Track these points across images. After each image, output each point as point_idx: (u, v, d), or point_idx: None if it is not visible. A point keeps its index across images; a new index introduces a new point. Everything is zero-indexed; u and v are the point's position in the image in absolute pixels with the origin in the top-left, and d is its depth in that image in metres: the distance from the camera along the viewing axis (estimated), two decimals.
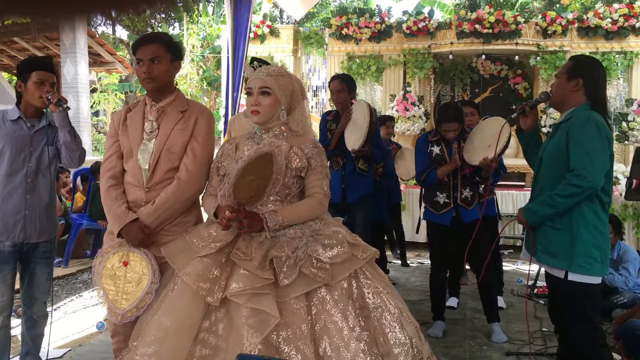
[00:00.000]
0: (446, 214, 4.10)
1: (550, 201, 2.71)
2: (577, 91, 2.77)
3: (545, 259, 2.79)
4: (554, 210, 2.71)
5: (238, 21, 7.05)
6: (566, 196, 2.65)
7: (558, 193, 2.67)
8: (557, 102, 2.89)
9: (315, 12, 13.69)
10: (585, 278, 2.68)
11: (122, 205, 2.59)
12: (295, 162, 2.36)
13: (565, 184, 2.65)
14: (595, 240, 2.68)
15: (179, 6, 14.90)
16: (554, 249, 2.74)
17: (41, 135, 3.11)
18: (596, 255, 2.67)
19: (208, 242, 2.28)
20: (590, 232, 2.67)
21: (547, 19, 8.33)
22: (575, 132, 2.67)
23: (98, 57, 10.11)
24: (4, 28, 9.05)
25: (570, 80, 2.78)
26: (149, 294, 2.41)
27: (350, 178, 4.46)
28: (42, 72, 3.06)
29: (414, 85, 8.88)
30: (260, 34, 9.49)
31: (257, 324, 2.03)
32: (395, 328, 2.17)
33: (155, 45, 2.60)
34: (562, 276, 2.72)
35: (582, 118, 2.69)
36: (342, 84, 4.45)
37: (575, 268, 2.67)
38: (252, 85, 2.40)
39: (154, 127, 2.65)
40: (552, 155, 2.79)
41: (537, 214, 2.79)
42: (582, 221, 2.68)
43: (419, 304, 5.08)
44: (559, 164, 2.73)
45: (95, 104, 14.28)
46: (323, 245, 2.22)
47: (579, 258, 2.66)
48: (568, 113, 2.80)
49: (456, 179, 4.07)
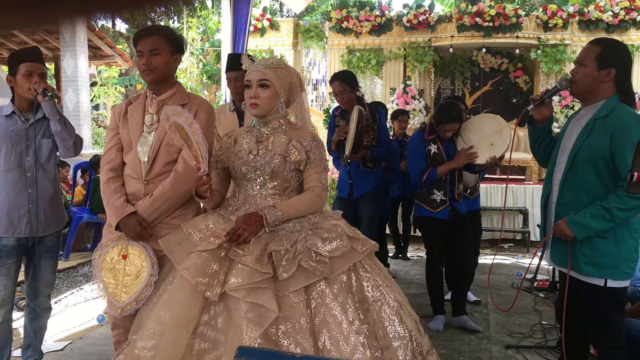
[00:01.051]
0: (443, 210, 4.12)
1: (608, 215, 2.44)
2: (607, 82, 2.52)
3: (589, 270, 2.53)
4: (611, 225, 2.47)
5: (238, 14, 7.05)
6: (628, 209, 2.43)
7: (619, 207, 2.42)
8: (583, 92, 2.61)
9: (315, 6, 13.64)
10: (624, 283, 2.54)
11: (120, 198, 2.59)
12: (294, 155, 2.36)
13: (626, 197, 2.39)
14: (636, 243, 2.53)
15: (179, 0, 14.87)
16: (600, 259, 2.51)
17: (37, 128, 3.09)
18: (635, 258, 2.53)
19: (206, 234, 2.28)
20: (632, 237, 2.53)
21: (548, 12, 8.29)
22: (626, 137, 2.39)
23: (98, 50, 10.09)
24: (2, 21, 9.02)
25: (602, 70, 2.50)
26: (148, 286, 2.42)
27: (356, 173, 4.54)
28: (30, 63, 3.03)
29: (414, 78, 8.85)
30: (260, 28, 9.46)
31: (256, 318, 2.03)
32: (395, 321, 2.17)
33: (156, 37, 2.60)
34: (602, 284, 2.52)
35: (631, 120, 2.43)
36: (343, 85, 4.39)
37: (620, 275, 2.50)
38: (251, 77, 2.39)
39: (154, 120, 2.65)
40: (591, 157, 2.51)
41: (590, 230, 2.50)
42: (626, 227, 2.50)
43: (419, 297, 5.08)
44: (600, 167, 2.49)
45: (95, 98, 14.27)
46: (322, 238, 2.22)
47: (624, 265, 2.50)
48: (603, 107, 2.53)
49: (453, 176, 4.08)
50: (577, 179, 2.58)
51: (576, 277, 2.60)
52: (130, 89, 17.36)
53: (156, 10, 21.55)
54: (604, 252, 2.51)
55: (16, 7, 0.70)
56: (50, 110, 3.02)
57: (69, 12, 0.75)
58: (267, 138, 2.41)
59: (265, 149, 2.37)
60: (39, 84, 2.97)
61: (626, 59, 2.58)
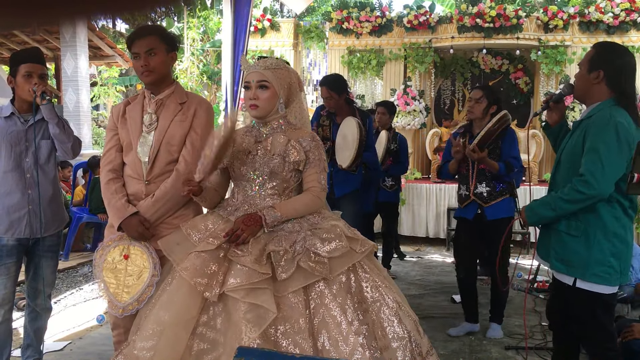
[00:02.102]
0: (469, 208, 4.01)
1: (552, 203, 2.56)
2: (598, 84, 2.54)
3: (558, 267, 2.61)
4: (554, 214, 2.56)
5: (238, 15, 7.04)
6: (569, 201, 2.49)
7: (561, 197, 2.52)
8: (580, 96, 2.68)
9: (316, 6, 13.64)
10: (597, 287, 2.52)
11: (122, 199, 2.59)
12: (293, 155, 2.36)
13: (570, 188, 2.49)
14: (615, 249, 2.50)
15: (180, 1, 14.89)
16: (568, 257, 2.56)
17: (36, 129, 3.09)
18: (614, 265, 2.50)
19: (205, 234, 2.28)
20: (609, 240, 2.50)
21: (548, 13, 8.30)
22: (592, 134, 2.47)
23: (98, 50, 10.08)
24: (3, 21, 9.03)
25: (591, 72, 2.55)
26: (150, 286, 2.42)
27: (337, 175, 4.41)
28: (30, 64, 3.02)
29: (414, 79, 8.86)
30: (260, 28, 9.47)
31: (255, 318, 2.03)
32: (394, 322, 2.17)
33: (150, 37, 2.60)
34: (571, 283, 2.56)
35: (603, 119, 2.47)
36: (329, 92, 4.35)
37: (590, 277, 2.50)
38: (250, 79, 2.39)
39: (153, 120, 2.65)
40: (570, 156, 2.60)
41: (538, 215, 2.65)
42: (600, 228, 2.50)
43: (418, 298, 5.09)
44: (576, 165, 2.54)
45: (96, 98, 14.27)
46: (321, 239, 2.22)
47: (596, 267, 2.49)
48: (591, 110, 2.58)
49: (473, 171, 3.97)
50: (560, 177, 2.66)
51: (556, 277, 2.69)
52: (130, 89, 17.37)
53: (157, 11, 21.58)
54: (573, 251, 2.55)
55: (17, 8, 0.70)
56: (48, 114, 3.01)
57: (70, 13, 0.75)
58: (266, 138, 2.41)
59: (264, 149, 2.37)
60: (38, 85, 2.96)
61: (620, 61, 2.56)
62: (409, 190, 7.84)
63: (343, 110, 4.45)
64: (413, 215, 7.90)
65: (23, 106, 3.10)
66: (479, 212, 3.97)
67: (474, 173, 3.97)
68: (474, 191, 3.96)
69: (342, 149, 4.32)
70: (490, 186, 3.94)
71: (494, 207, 3.94)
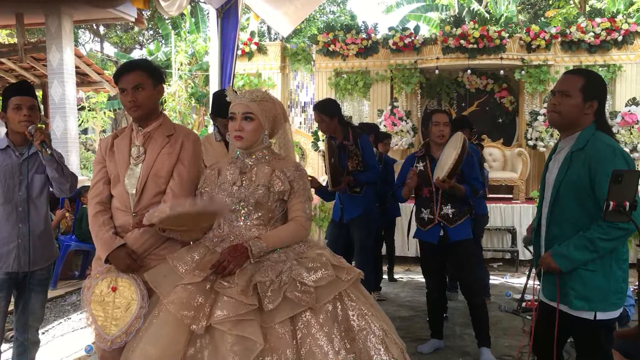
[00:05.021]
0: (432, 231, 4.09)
1: (591, 246, 2.44)
2: (589, 114, 2.55)
3: (581, 305, 2.51)
4: (595, 256, 2.46)
5: (225, 38, 7.10)
6: (611, 239, 2.42)
7: (601, 237, 2.42)
8: (566, 124, 2.61)
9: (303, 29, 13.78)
10: (613, 314, 2.52)
11: (109, 231, 2.60)
12: (277, 185, 2.39)
13: (608, 227, 2.40)
14: (625, 274, 2.53)
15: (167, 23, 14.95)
16: (589, 293, 2.49)
17: (30, 163, 3.11)
18: (624, 289, 2.52)
19: (191, 266, 2.28)
20: (621, 268, 2.52)
21: (530, 33, 8.45)
22: (603, 168, 2.41)
23: (85, 77, 10.11)
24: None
25: (587, 102, 2.53)
26: (138, 318, 2.41)
27: (344, 198, 4.67)
28: (18, 97, 3.06)
29: (401, 100, 8.95)
30: (248, 51, 9.55)
31: (242, 351, 2.03)
32: (380, 350, 2.18)
33: (137, 72, 2.62)
34: (592, 317, 2.49)
35: (607, 150, 2.45)
36: (320, 115, 4.54)
37: (609, 307, 2.49)
38: (235, 110, 2.42)
39: (141, 152, 2.66)
40: (574, 192, 2.53)
41: (575, 261, 2.50)
42: (614, 258, 2.50)
43: (408, 320, 5.09)
44: (584, 200, 2.50)
45: (84, 122, 14.25)
46: (307, 268, 2.24)
47: (613, 296, 2.49)
48: (578, 139, 2.55)
49: (437, 194, 4.04)
50: (562, 213, 2.59)
51: (566, 312, 2.57)
52: (119, 112, 17.35)
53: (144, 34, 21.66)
54: (594, 286, 2.49)
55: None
56: (48, 162, 3.05)
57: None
58: (250, 169, 2.43)
59: (249, 180, 2.40)
60: (36, 131, 2.98)
61: (606, 92, 2.65)
62: None
63: (339, 133, 4.57)
64: (403, 235, 7.90)
65: (17, 139, 3.12)
66: (441, 235, 4.06)
67: (438, 196, 4.06)
68: (439, 213, 4.05)
69: None
70: (456, 207, 4.06)
71: (457, 229, 4.05)
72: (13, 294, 3.18)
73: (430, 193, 4.08)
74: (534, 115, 8.36)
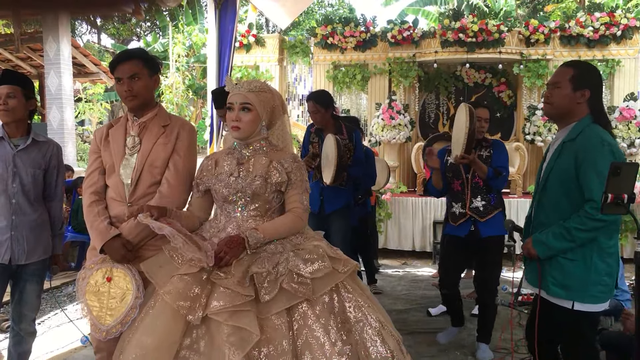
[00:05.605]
0: (463, 226, 3.97)
1: (568, 235, 2.51)
2: (582, 103, 2.58)
3: (557, 292, 2.58)
4: (572, 245, 2.53)
5: (223, 30, 7.08)
6: (587, 230, 2.48)
7: (578, 227, 2.48)
8: (558, 114, 2.67)
9: (301, 21, 13.74)
10: (593, 307, 2.56)
11: (104, 221, 2.59)
12: (275, 176, 2.37)
13: (585, 218, 2.46)
14: (609, 268, 2.55)
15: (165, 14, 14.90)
16: (568, 282, 2.55)
17: (25, 155, 3.08)
18: (608, 283, 2.55)
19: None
20: (604, 261, 2.54)
21: (530, 27, 8.42)
22: (589, 158, 2.47)
23: (82, 67, 10.08)
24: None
25: (577, 91, 2.57)
26: (134, 308, 2.40)
27: (328, 190, 4.50)
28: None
29: (399, 93, 8.93)
30: (246, 43, 9.51)
31: (238, 341, 2.03)
32: (377, 342, 2.18)
33: (133, 62, 2.61)
34: (570, 306, 2.56)
35: (594, 141, 2.50)
36: (316, 106, 4.46)
37: (589, 299, 2.53)
38: (233, 100, 2.41)
39: (136, 142, 2.65)
40: (561, 181, 2.59)
41: (553, 249, 2.58)
42: (596, 250, 2.53)
43: (404, 313, 5.10)
44: (570, 190, 2.55)
45: (81, 114, 14.21)
46: (304, 260, 2.23)
47: (593, 288, 2.52)
48: (572, 130, 2.60)
49: (467, 187, 3.94)
50: (549, 201, 2.66)
51: (546, 298, 2.65)
52: (116, 104, 17.31)
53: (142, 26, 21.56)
54: (572, 275, 2.55)
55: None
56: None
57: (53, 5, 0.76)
58: (248, 160, 2.42)
59: (246, 171, 2.38)
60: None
61: (599, 81, 2.67)
62: (394, 204, 7.88)
63: (329, 125, 4.52)
64: (399, 228, 7.93)
65: (12, 130, 3.07)
66: (472, 230, 3.94)
67: (469, 189, 3.95)
68: (469, 206, 3.93)
69: (325, 166, 4.36)
70: (486, 200, 3.93)
71: (488, 224, 3.92)
72: (9, 283, 3.16)
73: (461, 186, 3.97)
74: (532, 109, 8.35)
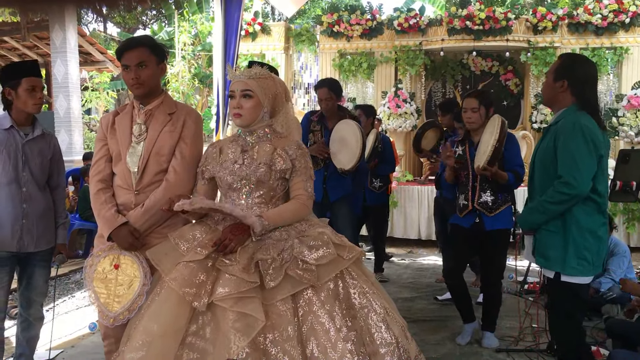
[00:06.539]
0: (467, 217, 3.91)
1: (540, 208, 2.78)
2: (563, 92, 2.80)
3: (540, 261, 2.86)
4: (545, 217, 2.78)
5: (229, 19, 7.05)
6: (555, 203, 2.71)
7: (547, 200, 2.74)
8: (547, 103, 3.00)
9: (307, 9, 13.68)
10: (575, 279, 2.75)
11: (111, 209, 2.60)
12: (279, 164, 2.38)
13: (553, 191, 2.71)
14: (587, 243, 2.72)
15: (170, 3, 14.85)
16: (548, 252, 2.80)
17: (34, 144, 3.12)
18: (587, 257, 2.73)
19: (193, 244, 2.29)
20: (582, 235, 2.72)
21: (537, 15, 8.35)
22: (562, 138, 2.71)
23: (89, 56, 10.09)
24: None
25: (557, 81, 2.81)
26: (141, 296, 2.42)
27: (332, 178, 4.50)
28: (32, 78, 3.06)
29: (405, 82, 8.89)
30: (251, 32, 9.49)
31: (243, 327, 2.05)
32: (382, 328, 2.19)
33: (140, 49, 2.60)
34: (552, 276, 2.80)
35: (569, 124, 2.71)
36: (330, 93, 4.46)
37: (569, 270, 2.73)
38: (234, 88, 2.41)
39: (143, 130, 2.65)
40: (543, 161, 2.84)
41: (529, 222, 2.88)
42: (575, 225, 2.73)
43: (410, 301, 5.12)
44: (549, 169, 2.79)
45: (87, 102, 14.24)
46: (309, 246, 2.24)
47: (572, 261, 2.72)
48: (557, 116, 2.84)
49: (475, 180, 3.86)
50: (537, 181, 2.88)
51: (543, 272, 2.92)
52: (122, 92, 17.33)
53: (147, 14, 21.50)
54: (551, 245, 2.78)
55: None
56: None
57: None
58: (252, 147, 2.42)
59: (251, 158, 2.39)
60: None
61: (579, 70, 2.81)
62: (400, 192, 7.87)
63: (334, 115, 4.51)
64: (405, 217, 7.92)
65: (20, 118, 3.10)
66: (477, 221, 3.88)
67: (476, 182, 3.86)
68: (478, 200, 3.85)
69: (339, 151, 4.34)
70: (495, 195, 3.85)
71: (495, 218, 3.85)
72: (16, 270, 3.19)
73: (466, 178, 3.90)
74: (540, 98, 8.30)
